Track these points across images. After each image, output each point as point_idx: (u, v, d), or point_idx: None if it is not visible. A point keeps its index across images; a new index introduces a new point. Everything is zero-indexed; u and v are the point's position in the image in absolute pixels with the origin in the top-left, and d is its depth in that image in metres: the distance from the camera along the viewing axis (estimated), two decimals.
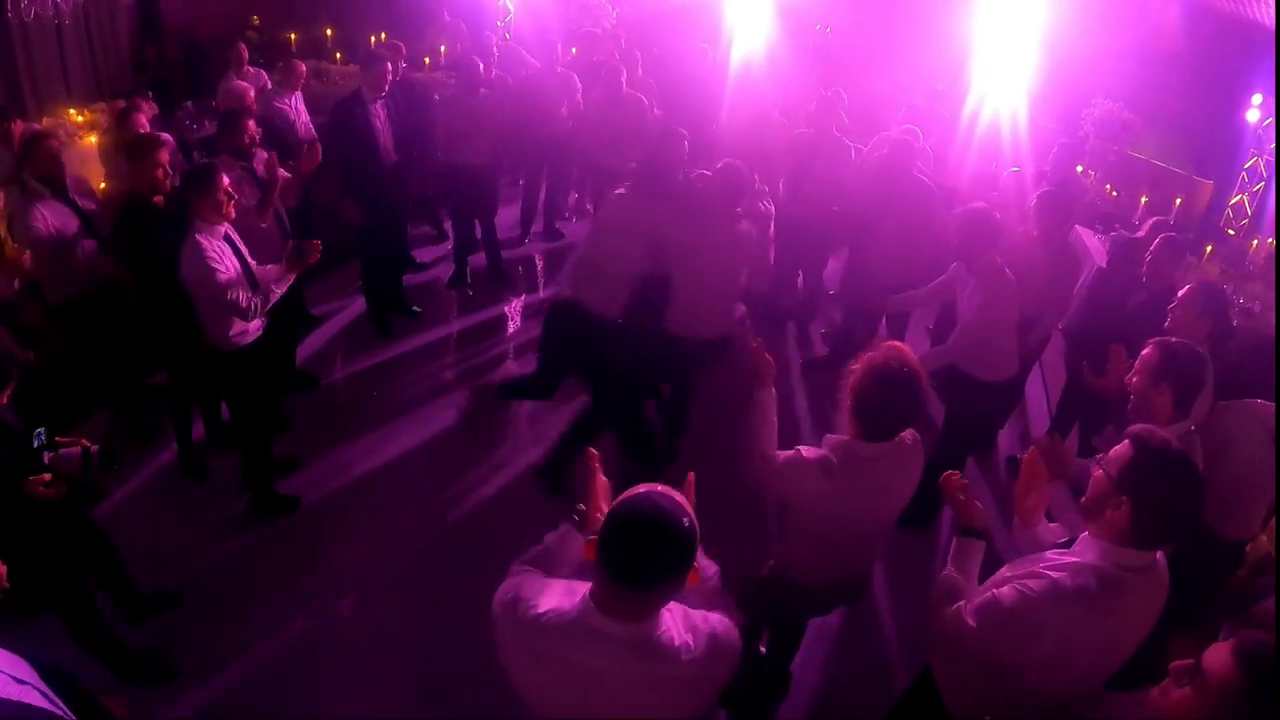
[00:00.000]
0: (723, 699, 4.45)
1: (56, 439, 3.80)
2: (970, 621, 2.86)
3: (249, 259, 5.09)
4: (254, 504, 5.65)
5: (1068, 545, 2.92)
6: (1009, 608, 2.76)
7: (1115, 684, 2.90)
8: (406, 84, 7.81)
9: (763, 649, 4.56)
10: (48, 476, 3.67)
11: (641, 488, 2.28)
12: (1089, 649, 2.76)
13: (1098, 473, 2.80)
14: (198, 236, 4.79)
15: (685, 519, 2.22)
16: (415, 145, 7.59)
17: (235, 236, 5.04)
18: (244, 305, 4.92)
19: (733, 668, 2.46)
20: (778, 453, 3.56)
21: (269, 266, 5.21)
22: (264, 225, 5.71)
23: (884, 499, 3.56)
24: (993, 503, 6.01)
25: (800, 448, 3.51)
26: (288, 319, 6.15)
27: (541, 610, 2.32)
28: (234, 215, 4.96)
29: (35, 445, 3.71)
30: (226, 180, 4.89)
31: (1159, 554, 2.80)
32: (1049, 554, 2.91)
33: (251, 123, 5.99)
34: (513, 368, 7.51)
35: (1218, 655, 2.18)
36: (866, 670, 5.04)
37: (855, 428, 3.42)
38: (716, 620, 2.47)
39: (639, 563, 2.19)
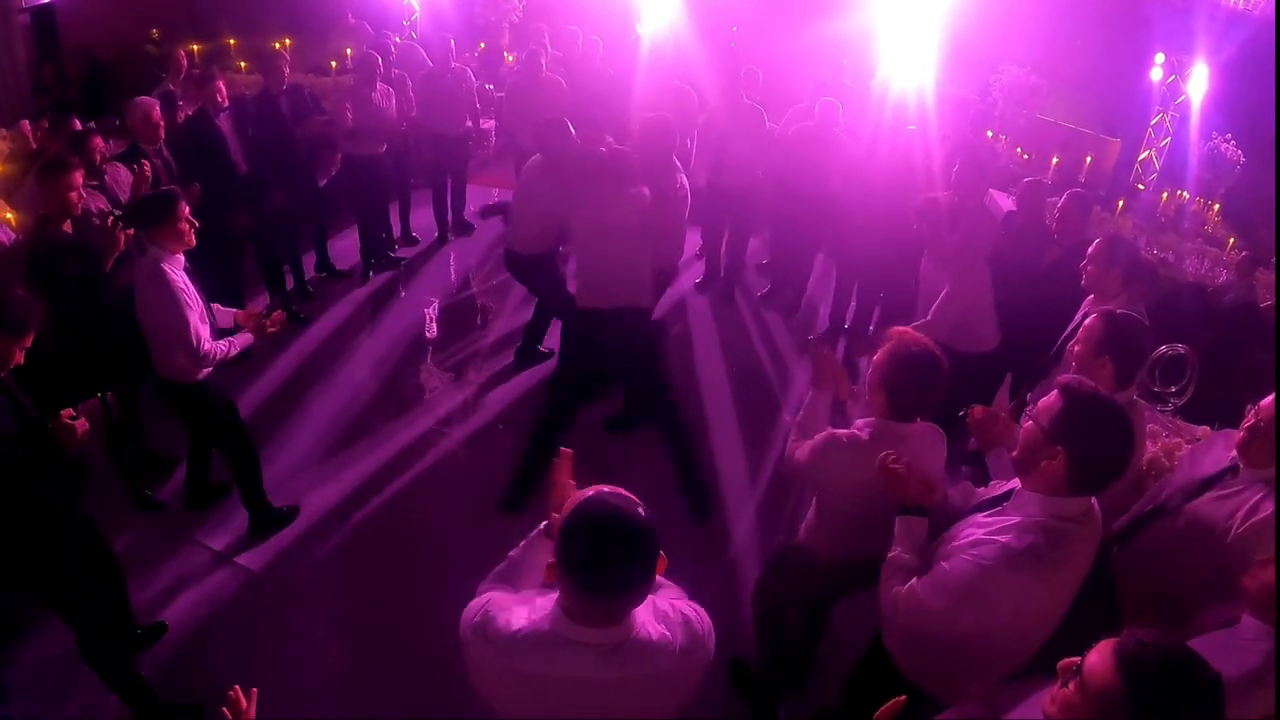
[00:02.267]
0: (741, 685, 4.63)
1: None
2: (927, 600, 2.83)
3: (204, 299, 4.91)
4: (254, 525, 5.51)
5: (1004, 498, 2.92)
6: (966, 581, 2.74)
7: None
8: (293, 89, 7.71)
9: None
10: (70, 411, 3.58)
11: (588, 491, 2.20)
12: (1042, 603, 2.78)
13: (1028, 424, 2.79)
14: (164, 267, 4.59)
15: (641, 510, 2.15)
16: (283, 151, 7.54)
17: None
18: (206, 350, 4.72)
19: (712, 650, 2.41)
20: (809, 441, 3.73)
21: (227, 310, 5.12)
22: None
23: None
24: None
25: (830, 429, 3.69)
26: None
27: (515, 628, 2.22)
28: (194, 243, 4.76)
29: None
30: (187, 208, 4.69)
31: (1092, 499, 2.80)
32: (985, 517, 2.90)
33: (98, 139, 5.78)
34: (438, 378, 7.42)
35: (1099, 656, 1.94)
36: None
37: (887, 409, 3.55)
38: (683, 605, 2.42)
39: (609, 569, 2.11)
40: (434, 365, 7.46)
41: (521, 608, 2.30)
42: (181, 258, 4.73)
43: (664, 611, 2.34)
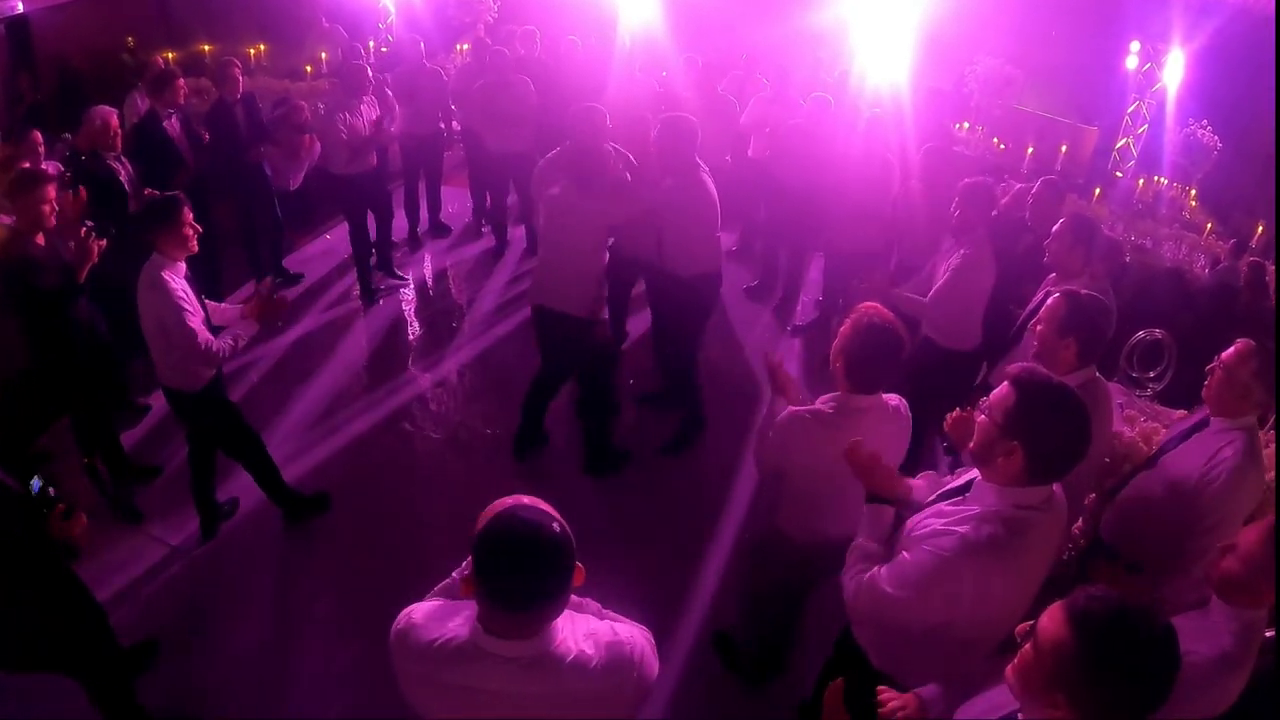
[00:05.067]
0: (733, 667, 4.81)
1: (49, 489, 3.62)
2: (889, 590, 2.81)
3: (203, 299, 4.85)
4: (288, 516, 5.59)
5: (965, 489, 2.90)
6: (925, 572, 2.72)
7: None
8: (247, 99, 7.69)
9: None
10: (61, 508, 3.52)
11: (507, 501, 2.17)
12: (1008, 591, 2.75)
13: (981, 419, 2.75)
14: (164, 274, 4.52)
15: (554, 524, 2.14)
16: (238, 159, 7.58)
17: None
18: (214, 350, 4.67)
19: (649, 676, 2.38)
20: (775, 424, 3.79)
21: (224, 306, 5.06)
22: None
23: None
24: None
25: (793, 407, 3.73)
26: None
27: (433, 637, 2.23)
28: (196, 249, 4.73)
29: (35, 492, 3.54)
30: (190, 213, 4.63)
31: (1055, 485, 2.78)
32: (946, 507, 2.88)
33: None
34: (422, 381, 7.40)
35: (1050, 613, 1.96)
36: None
37: (846, 383, 3.59)
38: (622, 628, 2.40)
39: (516, 583, 2.10)
40: (417, 369, 7.43)
41: (445, 616, 2.30)
42: (183, 265, 4.67)
43: (594, 631, 2.32)
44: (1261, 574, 2.71)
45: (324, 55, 10.46)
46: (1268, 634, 3.30)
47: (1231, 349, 3.56)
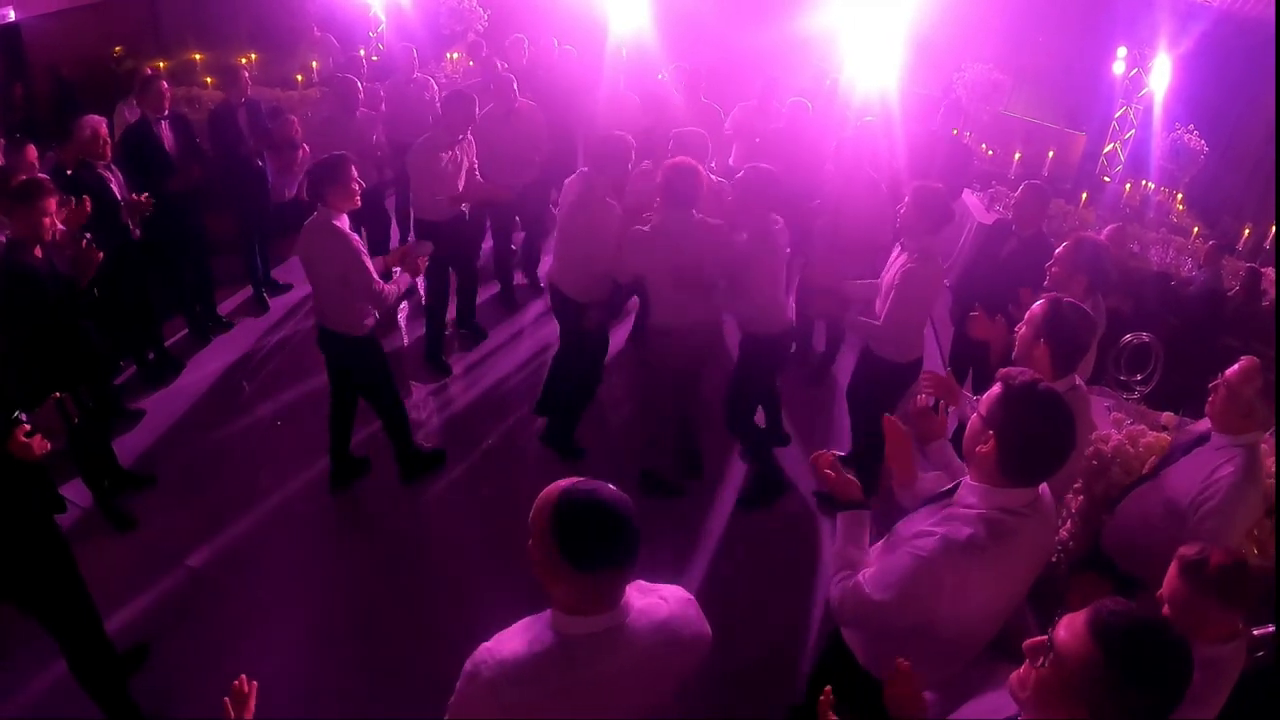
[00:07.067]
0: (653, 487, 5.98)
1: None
2: (871, 593, 2.85)
3: None
4: (407, 474, 6.07)
5: (951, 493, 2.94)
6: (906, 573, 2.76)
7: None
8: (251, 103, 7.70)
9: None
10: (26, 426, 3.54)
11: (561, 483, 2.17)
12: (989, 594, 2.79)
13: (973, 415, 2.82)
14: (335, 222, 5.04)
15: (606, 485, 2.18)
16: (237, 163, 7.57)
17: None
18: (385, 291, 5.22)
19: (700, 612, 2.47)
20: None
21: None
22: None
23: (700, 254, 5.25)
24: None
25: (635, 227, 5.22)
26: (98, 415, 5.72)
27: (513, 656, 2.17)
28: (359, 205, 5.24)
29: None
30: (355, 169, 5.14)
31: (1043, 489, 2.83)
32: (931, 509, 2.93)
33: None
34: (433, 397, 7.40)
35: (1071, 630, 1.97)
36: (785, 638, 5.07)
37: (666, 203, 5.24)
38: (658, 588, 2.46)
39: (616, 541, 2.12)
40: (420, 384, 7.39)
41: (522, 635, 2.26)
42: (346, 216, 5.17)
43: (643, 586, 2.39)
44: (1194, 614, 2.75)
45: (315, 64, 10.46)
46: (1268, 630, 3.34)
47: (1235, 366, 3.54)
